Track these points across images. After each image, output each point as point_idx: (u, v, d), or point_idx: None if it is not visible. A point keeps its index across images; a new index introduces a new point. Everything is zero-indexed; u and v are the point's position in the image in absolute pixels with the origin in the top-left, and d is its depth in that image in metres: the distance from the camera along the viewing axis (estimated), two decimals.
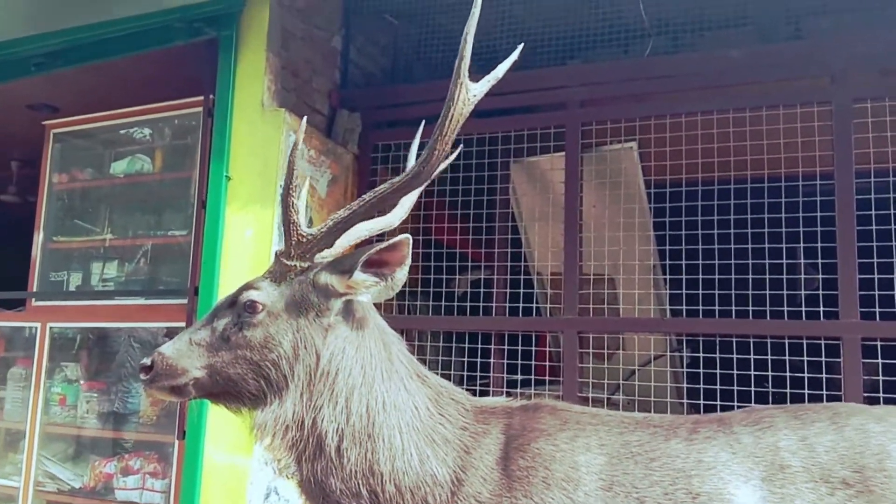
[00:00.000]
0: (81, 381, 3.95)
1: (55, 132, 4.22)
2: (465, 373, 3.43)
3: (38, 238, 4.14)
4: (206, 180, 3.57)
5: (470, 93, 1.74)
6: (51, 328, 3.92)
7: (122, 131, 4.15)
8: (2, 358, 4.34)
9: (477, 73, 4.15)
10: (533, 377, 3.26)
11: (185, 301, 3.65)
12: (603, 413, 1.86)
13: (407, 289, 3.87)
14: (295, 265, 1.79)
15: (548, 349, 3.41)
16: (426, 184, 1.93)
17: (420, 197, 3.85)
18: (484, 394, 3.32)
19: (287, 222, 1.78)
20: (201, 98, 3.80)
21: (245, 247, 3.42)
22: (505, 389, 3.35)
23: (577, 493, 1.62)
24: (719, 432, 1.66)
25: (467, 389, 3.33)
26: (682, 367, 3.67)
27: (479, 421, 1.81)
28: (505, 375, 3.37)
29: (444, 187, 3.67)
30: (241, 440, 3.14)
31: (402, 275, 1.76)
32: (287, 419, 1.71)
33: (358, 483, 1.69)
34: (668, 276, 3.21)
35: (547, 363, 3.35)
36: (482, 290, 3.57)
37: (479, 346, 3.43)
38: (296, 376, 1.72)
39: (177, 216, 4.09)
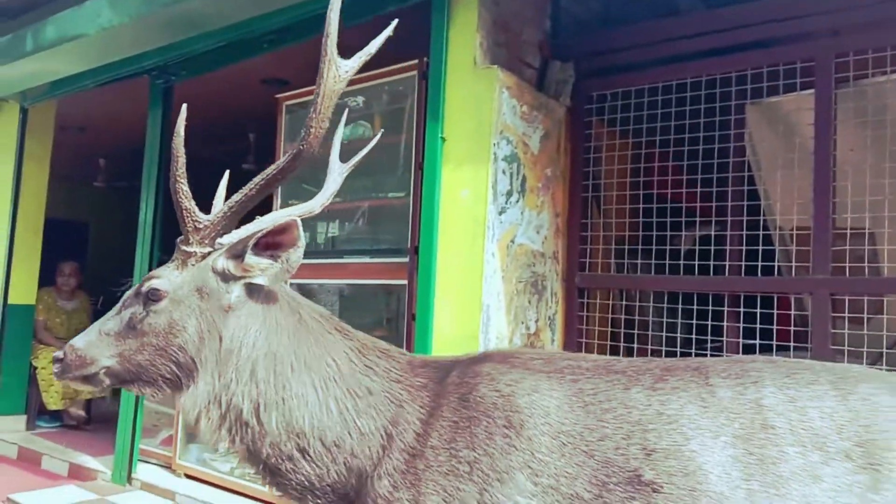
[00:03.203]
0: None
1: (286, 104, 4.54)
2: (694, 336, 3.20)
3: (276, 203, 4.52)
4: (422, 142, 3.64)
5: (340, 69, 1.75)
6: (289, 284, 4.29)
7: (346, 99, 4.36)
8: None
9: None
10: (774, 343, 2.94)
11: (404, 260, 3.80)
12: (558, 356, 1.72)
13: (626, 246, 3.71)
14: (195, 251, 1.79)
15: (792, 312, 3.06)
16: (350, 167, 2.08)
17: (640, 148, 3.66)
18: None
19: (180, 209, 1.78)
20: (415, 62, 3.87)
21: (461, 207, 3.44)
22: (740, 355, 3.08)
23: (520, 439, 1.51)
24: (692, 383, 1.48)
25: (696, 354, 3.14)
26: None
27: (417, 374, 1.75)
28: (741, 340, 3.09)
29: (668, 136, 3.40)
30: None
31: (296, 256, 1.72)
32: (202, 400, 1.73)
33: (286, 444, 1.69)
34: None
35: (791, 328, 3.01)
36: (712, 246, 3.28)
37: (710, 307, 3.17)
38: (204, 358, 1.72)
39: (391, 179, 4.24)
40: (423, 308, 3.42)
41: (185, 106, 1.83)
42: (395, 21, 1.93)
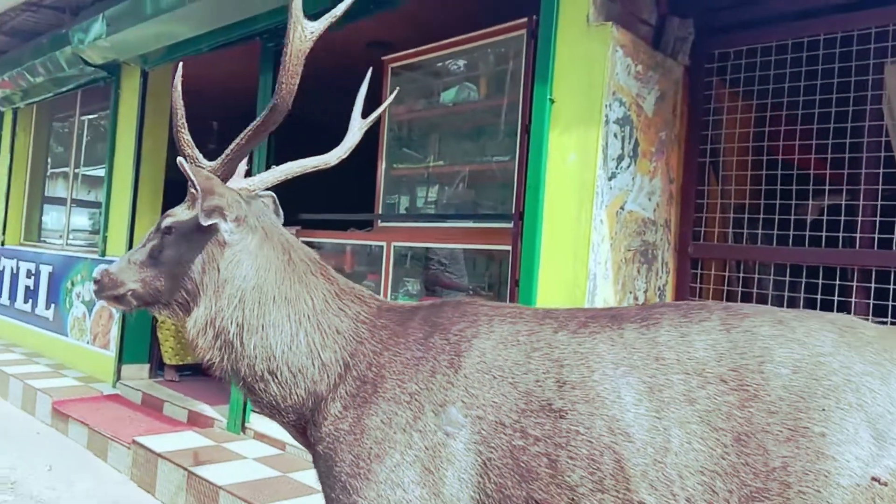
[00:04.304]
0: (420, 296, 4.36)
1: (392, 66, 4.55)
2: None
3: (382, 166, 4.58)
4: (529, 104, 3.55)
5: (307, 31, 1.88)
6: (394, 247, 4.36)
7: (449, 61, 4.32)
8: (354, 272, 4.99)
9: None
10: None
11: (508, 225, 3.76)
12: (506, 305, 1.92)
13: (746, 216, 3.52)
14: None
15: None
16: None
17: (765, 110, 3.43)
18: None
19: (184, 157, 1.99)
20: (524, 20, 3.76)
21: (568, 171, 3.34)
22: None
23: (458, 377, 1.73)
24: (607, 327, 1.69)
25: None
26: None
27: (382, 317, 1.95)
28: (871, 318, 2.88)
29: (797, 98, 3.17)
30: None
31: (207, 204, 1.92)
32: (201, 322, 1.97)
33: (259, 365, 1.93)
34: None
35: None
36: (841, 217, 3.05)
37: (837, 282, 2.97)
38: (205, 287, 1.97)
39: (494, 142, 4.18)
40: (527, 274, 3.38)
41: (180, 64, 2.01)
42: None
